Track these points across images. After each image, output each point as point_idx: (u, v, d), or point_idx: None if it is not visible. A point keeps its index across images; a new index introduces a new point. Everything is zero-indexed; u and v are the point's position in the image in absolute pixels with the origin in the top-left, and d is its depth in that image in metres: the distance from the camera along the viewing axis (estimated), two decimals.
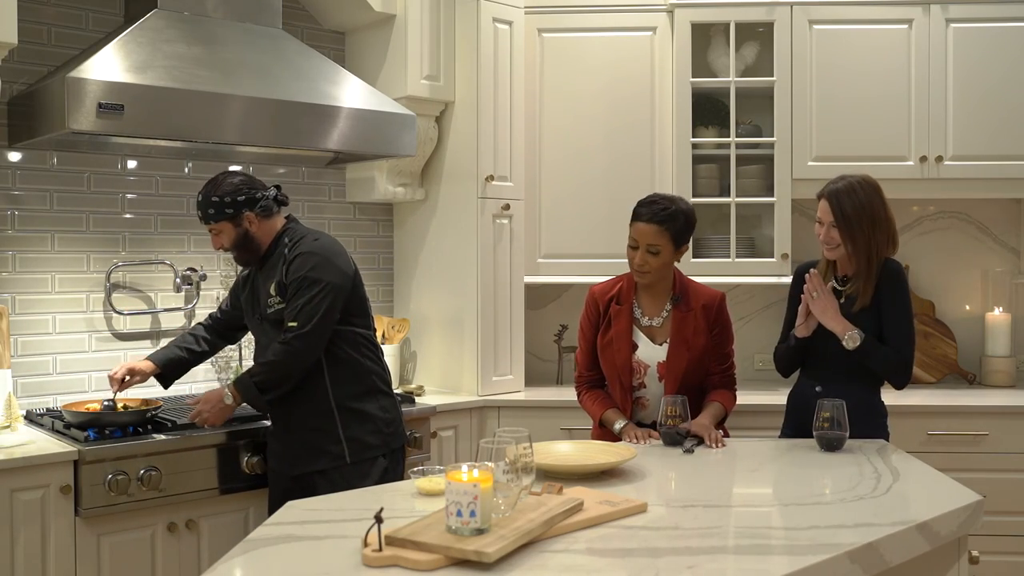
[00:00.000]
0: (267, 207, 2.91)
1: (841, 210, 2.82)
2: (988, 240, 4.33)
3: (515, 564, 1.70)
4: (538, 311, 4.34)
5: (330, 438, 2.83)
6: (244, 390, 2.81)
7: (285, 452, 2.90)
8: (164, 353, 3.13)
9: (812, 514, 2.08)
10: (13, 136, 3.22)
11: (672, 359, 2.92)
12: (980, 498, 2.20)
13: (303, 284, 2.79)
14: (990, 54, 3.94)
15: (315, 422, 2.84)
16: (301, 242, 2.88)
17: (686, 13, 3.99)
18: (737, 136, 4.02)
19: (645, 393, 2.97)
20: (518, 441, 1.90)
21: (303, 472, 2.83)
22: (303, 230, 2.96)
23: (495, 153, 3.86)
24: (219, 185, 2.87)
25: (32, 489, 2.69)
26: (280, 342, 2.79)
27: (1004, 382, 4.13)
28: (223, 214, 2.85)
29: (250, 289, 3.00)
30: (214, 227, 2.89)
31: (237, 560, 1.75)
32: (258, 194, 2.90)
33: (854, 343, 2.79)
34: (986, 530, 2.70)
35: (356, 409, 2.86)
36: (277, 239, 2.93)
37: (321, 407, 2.84)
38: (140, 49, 3.03)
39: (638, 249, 2.87)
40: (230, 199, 2.85)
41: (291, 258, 2.84)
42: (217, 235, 2.91)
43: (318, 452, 2.83)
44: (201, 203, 2.88)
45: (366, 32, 3.99)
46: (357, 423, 2.86)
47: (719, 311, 2.98)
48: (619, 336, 2.95)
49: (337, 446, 2.83)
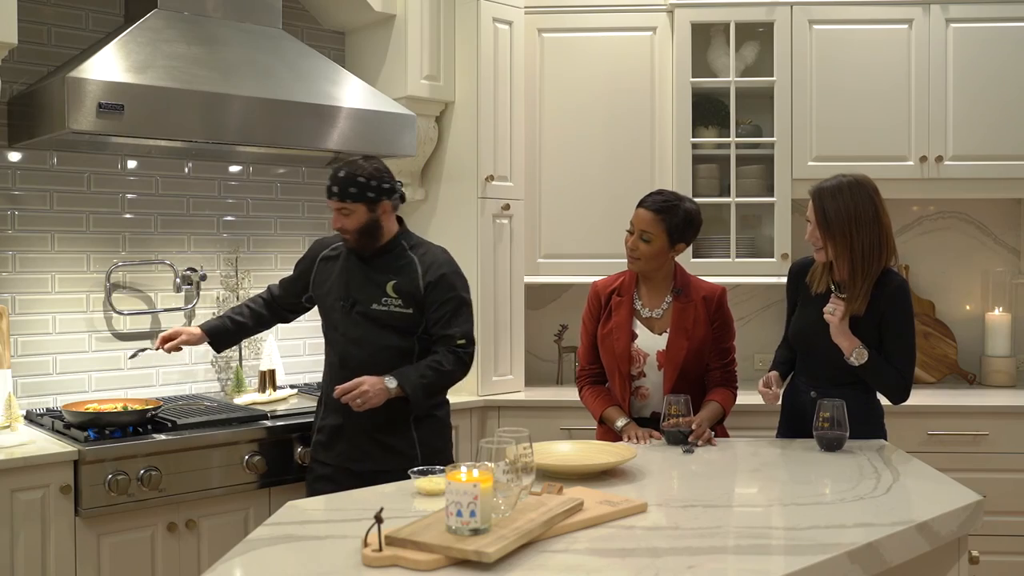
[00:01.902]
0: (399, 202, 2.92)
1: (823, 210, 2.74)
2: (988, 240, 4.33)
3: (515, 564, 1.70)
4: (538, 311, 4.34)
5: (405, 440, 2.88)
6: (412, 389, 2.80)
7: (355, 446, 2.89)
8: (215, 323, 3.17)
9: (812, 514, 2.08)
10: (13, 136, 3.22)
11: (672, 347, 2.94)
12: (980, 498, 2.20)
13: (462, 304, 2.90)
14: (990, 54, 3.94)
15: (391, 424, 2.87)
16: (433, 253, 2.93)
17: (686, 13, 3.99)
18: (737, 136, 4.02)
19: (644, 382, 2.98)
20: (518, 441, 1.90)
21: (372, 468, 2.83)
22: (421, 239, 3.01)
23: (495, 153, 3.86)
24: (362, 167, 2.84)
25: (32, 489, 2.69)
26: (452, 354, 2.86)
27: (1004, 382, 4.13)
28: (364, 196, 2.82)
29: (344, 276, 2.95)
30: (348, 206, 2.82)
31: (237, 560, 1.75)
32: (398, 185, 2.91)
33: (860, 360, 2.74)
34: (986, 530, 2.70)
35: (429, 413, 2.93)
36: (395, 238, 2.92)
37: (402, 410, 2.85)
38: (140, 49, 3.03)
39: (633, 233, 2.94)
40: (376, 183, 2.83)
41: (436, 275, 2.87)
42: (347, 215, 2.83)
43: (391, 452, 2.86)
44: (343, 179, 2.81)
45: (366, 32, 3.99)
46: (428, 427, 2.93)
47: (719, 304, 3.00)
48: (619, 326, 2.98)
49: (411, 448, 2.88)
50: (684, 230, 2.92)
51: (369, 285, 2.89)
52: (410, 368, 2.84)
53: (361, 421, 2.84)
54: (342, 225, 2.86)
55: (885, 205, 2.78)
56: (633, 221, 2.94)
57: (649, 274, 2.99)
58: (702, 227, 3.04)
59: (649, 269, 2.96)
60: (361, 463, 2.87)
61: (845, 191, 2.75)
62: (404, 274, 2.88)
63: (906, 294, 2.81)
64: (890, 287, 2.78)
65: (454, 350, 2.87)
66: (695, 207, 2.96)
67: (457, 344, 2.87)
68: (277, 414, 3.22)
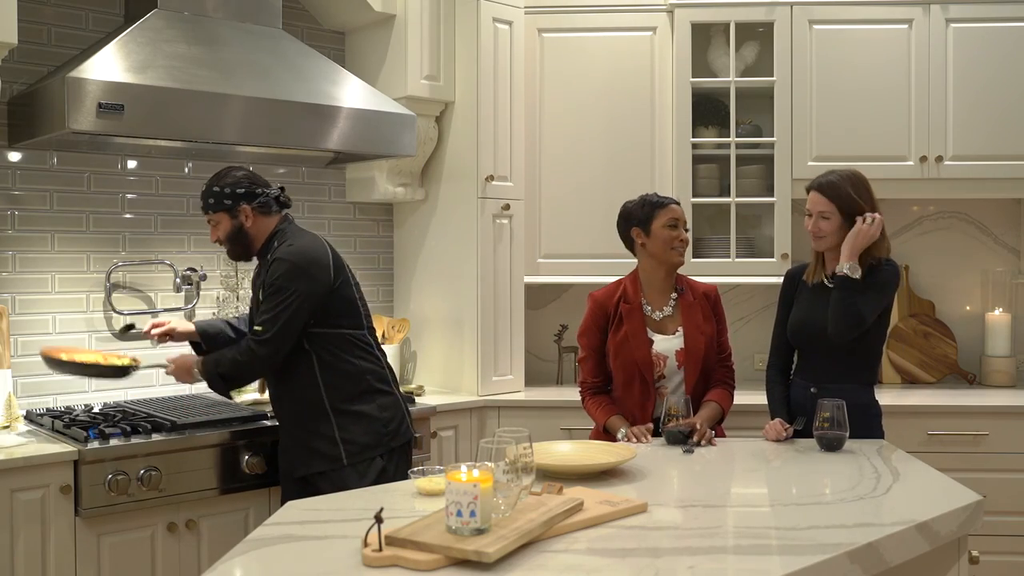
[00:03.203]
0: (265, 204, 2.92)
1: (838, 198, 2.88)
2: (988, 240, 4.33)
3: (515, 564, 1.70)
4: (538, 311, 4.34)
5: (327, 441, 2.84)
6: (209, 377, 2.89)
7: (287, 455, 2.93)
8: (208, 323, 3.19)
9: (812, 514, 2.08)
10: (13, 136, 3.22)
11: (690, 344, 3.02)
12: (980, 498, 2.20)
13: (272, 290, 2.82)
14: (990, 54, 3.94)
15: (313, 425, 2.86)
16: (281, 246, 2.89)
17: (686, 13, 3.99)
18: (737, 136, 4.02)
19: (664, 383, 3.04)
20: (518, 441, 1.90)
21: (305, 474, 2.86)
22: (292, 232, 2.95)
23: (495, 153, 3.86)
24: (222, 177, 2.93)
25: (32, 489, 2.69)
26: (245, 343, 2.84)
27: (1004, 382, 4.13)
28: (221, 204, 2.90)
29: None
30: (212, 217, 2.94)
31: (237, 560, 1.75)
32: (258, 190, 2.92)
33: (853, 273, 2.81)
34: (986, 530, 2.70)
35: (351, 411, 2.87)
36: (270, 239, 2.93)
37: (318, 410, 2.85)
38: (140, 49, 3.03)
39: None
40: (229, 190, 2.89)
41: (270, 262, 2.87)
42: (214, 227, 2.95)
43: (316, 454, 2.84)
44: (203, 193, 2.94)
45: (366, 32, 3.99)
46: (352, 424, 2.86)
47: (716, 300, 3.15)
48: (634, 333, 3.01)
49: (334, 448, 2.84)
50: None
51: (253, 291, 2.96)
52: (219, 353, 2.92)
53: (286, 425, 2.92)
54: (216, 237, 2.96)
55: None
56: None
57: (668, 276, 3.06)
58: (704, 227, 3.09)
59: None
60: (298, 468, 2.87)
61: (847, 181, 2.90)
62: (264, 272, 2.90)
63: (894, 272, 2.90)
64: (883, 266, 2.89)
65: (247, 340, 2.84)
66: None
67: (253, 331, 2.84)
68: None
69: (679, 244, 3.06)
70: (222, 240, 2.95)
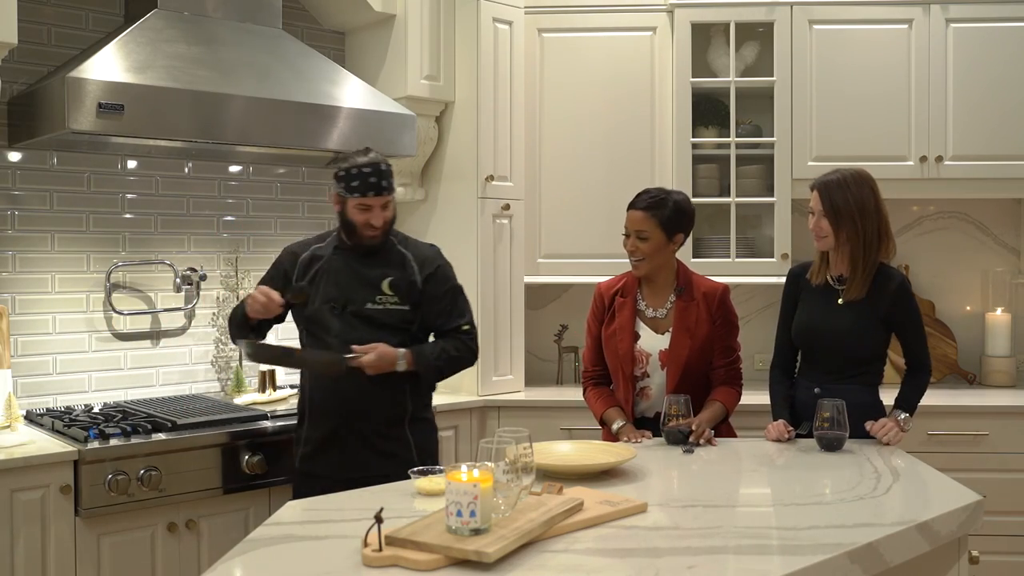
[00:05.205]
0: None
1: (831, 201, 2.83)
2: (988, 240, 4.33)
3: (515, 564, 1.70)
4: (538, 311, 4.34)
5: (402, 445, 2.82)
6: (426, 369, 2.80)
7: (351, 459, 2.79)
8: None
9: (812, 514, 2.08)
10: (13, 136, 3.22)
11: (674, 346, 2.94)
12: (980, 498, 2.20)
13: (459, 292, 2.92)
14: (990, 54, 3.94)
15: (388, 431, 2.81)
16: (422, 247, 2.91)
17: (686, 13, 3.99)
18: (737, 136, 4.02)
19: (648, 383, 2.99)
20: (518, 441, 1.90)
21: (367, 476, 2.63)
22: (405, 234, 2.97)
23: (495, 153, 3.86)
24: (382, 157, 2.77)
25: (32, 489, 2.69)
26: (461, 341, 2.87)
27: (1004, 382, 4.13)
28: (394, 185, 2.81)
29: (332, 278, 2.83)
30: (388, 199, 2.76)
31: (237, 560, 1.75)
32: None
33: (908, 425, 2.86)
34: (986, 530, 2.70)
35: (424, 418, 2.91)
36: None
37: (398, 415, 2.83)
38: (140, 49, 3.03)
39: (630, 236, 2.95)
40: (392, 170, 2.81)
41: (433, 267, 2.85)
42: (385, 208, 2.77)
43: (390, 457, 2.77)
44: (386, 171, 2.74)
45: (366, 32, 3.99)
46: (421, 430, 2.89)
47: (721, 301, 2.99)
48: (622, 327, 2.99)
49: (408, 452, 2.81)
50: (677, 220, 2.93)
51: (361, 284, 2.81)
52: (427, 346, 2.85)
53: (360, 426, 2.78)
54: (384, 219, 2.76)
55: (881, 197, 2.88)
56: (627, 224, 2.95)
57: (653, 274, 2.98)
58: (704, 227, 3.05)
59: (653, 268, 2.96)
60: (359, 471, 2.75)
61: (850, 183, 2.85)
62: (400, 270, 2.83)
63: (909, 292, 2.90)
64: (892, 284, 2.86)
65: (460, 337, 2.87)
66: (683, 196, 3.00)
67: (463, 330, 2.87)
68: (277, 414, 3.21)
69: (628, 253, 2.95)
70: (389, 221, 2.78)
